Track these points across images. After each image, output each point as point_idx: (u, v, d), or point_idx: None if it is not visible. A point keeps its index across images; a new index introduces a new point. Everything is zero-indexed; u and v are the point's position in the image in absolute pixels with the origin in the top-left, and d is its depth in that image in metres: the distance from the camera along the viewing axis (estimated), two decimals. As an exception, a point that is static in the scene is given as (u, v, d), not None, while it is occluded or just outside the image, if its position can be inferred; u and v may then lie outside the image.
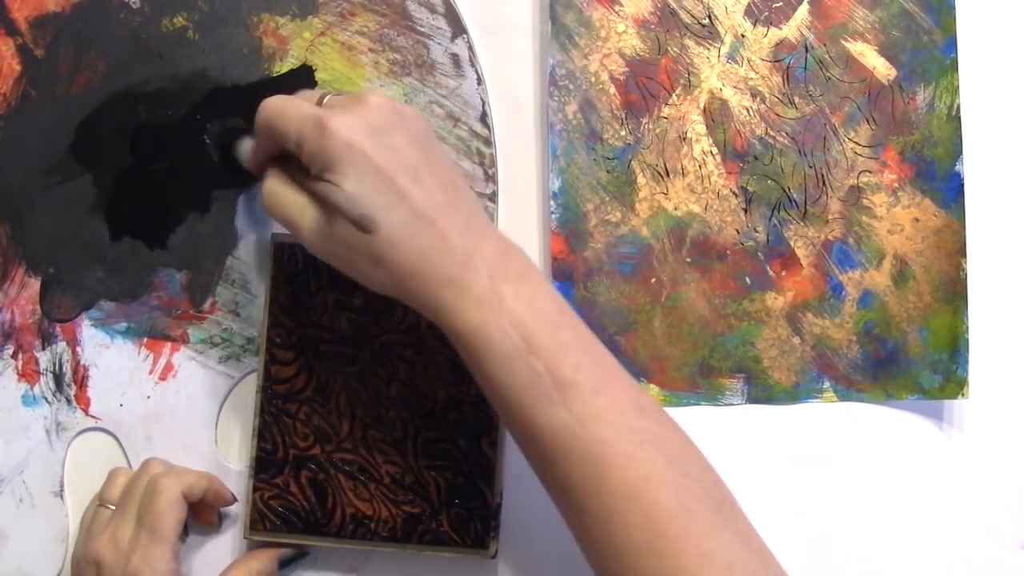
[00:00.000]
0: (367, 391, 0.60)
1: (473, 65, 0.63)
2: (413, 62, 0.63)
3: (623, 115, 0.62)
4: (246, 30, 0.62)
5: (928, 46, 0.63)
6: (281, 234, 0.61)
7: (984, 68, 0.64)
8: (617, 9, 0.62)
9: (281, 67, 0.62)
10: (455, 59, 0.63)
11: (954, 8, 0.62)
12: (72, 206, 0.61)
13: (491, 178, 0.63)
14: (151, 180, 0.62)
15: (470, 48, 0.63)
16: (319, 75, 0.62)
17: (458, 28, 0.63)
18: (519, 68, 0.64)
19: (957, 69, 0.62)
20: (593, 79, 0.62)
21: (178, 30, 0.61)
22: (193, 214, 0.62)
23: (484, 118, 0.63)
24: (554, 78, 0.62)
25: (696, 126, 0.63)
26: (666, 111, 0.63)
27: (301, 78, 0.62)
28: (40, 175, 0.61)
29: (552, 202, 0.62)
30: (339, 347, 0.60)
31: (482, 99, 0.63)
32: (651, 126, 0.63)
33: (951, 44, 0.62)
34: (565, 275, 0.62)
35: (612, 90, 0.62)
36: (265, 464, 0.60)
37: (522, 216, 0.63)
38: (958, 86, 0.62)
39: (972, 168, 0.64)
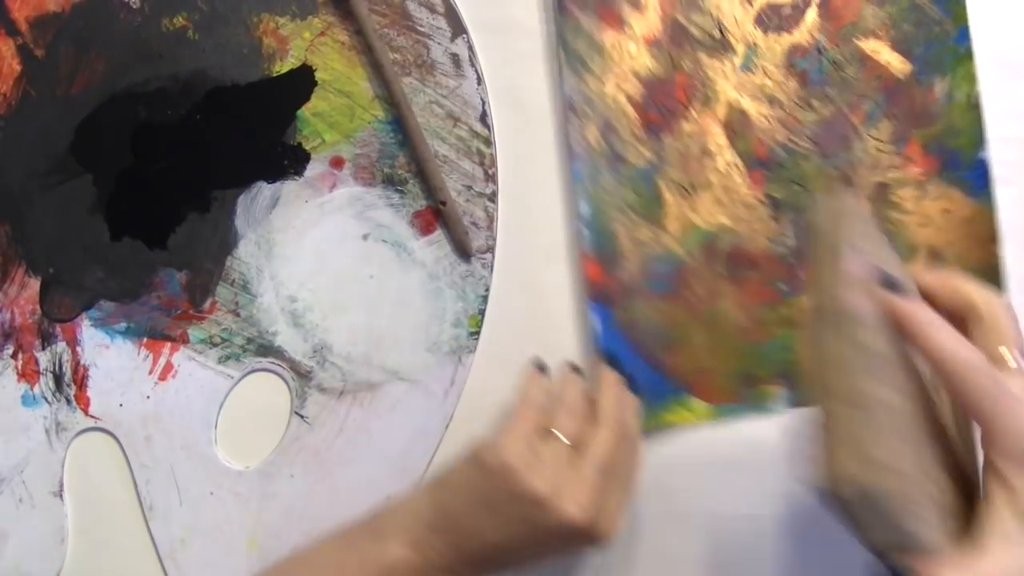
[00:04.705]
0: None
1: (473, 65, 0.62)
2: (413, 62, 0.62)
3: (644, 135, 0.62)
4: (246, 30, 0.62)
5: (940, 37, 0.61)
6: None
7: (1000, 51, 0.62)
8: (627, 30, 0.62)
9: (281, 67, 0.62)
10: (455, 59, 0.62)
11: (963, -4, 0.61)
12: (72, 206, 0.62)
13: (491, 177, 0.62)
14: (151, 180, 0.62)
15: (470, 48, 0.63)
16: (319, 75, 0.62)
17: (458, 28, 0.62)
18: (520, 68, 0.63)
19: (972, 57, 0.61)
20: (611, 102, 0.62)
21: (178, 30, 0.62)
22: (193, 214, 0.62)
23: (484, 118, 0.62)
24: (572, 105, 0.61)
25: (717, 138, 0.62)
26: (686, 127, 0.62)
27: (301, 78, 0.62)
28: (40, 175, 0.62)
29: (583, 227, 0.61)
30: None
31: (482, 99, 0.62)
32: (673, 143, 0.62)
33: (964, 33, 0.61)
34: (603, 298, 0.61)
35: (631, 111, 0.62)
36: None
37: (521, 212, 0.62)
38: (975, 73, 0.61)
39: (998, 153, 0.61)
